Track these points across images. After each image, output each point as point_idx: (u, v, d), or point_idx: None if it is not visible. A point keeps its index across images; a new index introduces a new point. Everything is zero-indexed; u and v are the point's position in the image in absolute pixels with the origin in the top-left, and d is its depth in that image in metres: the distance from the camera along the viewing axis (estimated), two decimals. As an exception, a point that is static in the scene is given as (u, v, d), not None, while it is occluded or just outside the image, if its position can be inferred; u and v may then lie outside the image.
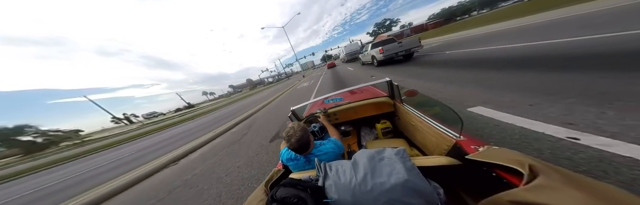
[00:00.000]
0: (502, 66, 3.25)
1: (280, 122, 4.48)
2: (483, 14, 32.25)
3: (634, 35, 3.03)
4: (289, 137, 0.90)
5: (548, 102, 1.75)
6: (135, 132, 23.60)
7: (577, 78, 2.08)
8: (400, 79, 4.44)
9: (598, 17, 5.10)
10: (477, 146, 0.72)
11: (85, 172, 6.77)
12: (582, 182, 0.41)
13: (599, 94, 1.66)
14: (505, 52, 4.15)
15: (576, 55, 2.78)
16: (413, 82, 3.94)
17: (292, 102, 6.82)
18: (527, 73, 2.63)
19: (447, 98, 2.56)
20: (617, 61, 2.27)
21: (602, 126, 1.30)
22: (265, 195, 0.78)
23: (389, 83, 1.45)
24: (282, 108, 6.81)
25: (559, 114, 1.54)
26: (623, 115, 1.34)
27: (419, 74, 4.58)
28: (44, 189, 6.14)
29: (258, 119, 6.40)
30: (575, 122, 1.40)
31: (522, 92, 2.08)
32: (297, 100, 7.60)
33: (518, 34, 5.98)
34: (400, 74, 5.17)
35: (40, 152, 50.12)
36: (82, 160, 11.99)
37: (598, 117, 1.39)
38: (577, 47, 3.19)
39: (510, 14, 14.09)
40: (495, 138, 1.50)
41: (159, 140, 9.44)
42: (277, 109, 7.37)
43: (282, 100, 9.37)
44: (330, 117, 1.82)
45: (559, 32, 4.63)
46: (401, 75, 5.06)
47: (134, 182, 3.51)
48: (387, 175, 0.58)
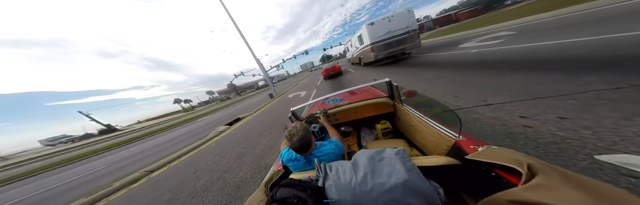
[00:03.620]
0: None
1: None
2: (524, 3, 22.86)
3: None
4: (291, 136, 0.90)
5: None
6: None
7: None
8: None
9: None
10: (477, 146, 0.73)
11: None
12: (580, 181, 0.41)
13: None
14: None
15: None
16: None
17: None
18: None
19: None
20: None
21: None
22: (265, 195, 0.78)
23: (388, 84, 1.45)
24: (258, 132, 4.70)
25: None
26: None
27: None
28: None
29: (206, 156, 4.14)
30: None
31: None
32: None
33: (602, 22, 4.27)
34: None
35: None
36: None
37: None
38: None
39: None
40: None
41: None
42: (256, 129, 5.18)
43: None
44: (330, 117, 1.83)
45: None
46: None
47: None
48: (387, 176, 0.58)
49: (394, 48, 7.87)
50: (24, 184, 11.70)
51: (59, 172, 11.40)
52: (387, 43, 7.82)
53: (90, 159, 13.56)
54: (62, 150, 37.29)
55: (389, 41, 7.76)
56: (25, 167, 23.77)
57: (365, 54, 9.29)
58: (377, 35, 7.78)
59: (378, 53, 8.13)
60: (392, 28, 7.62)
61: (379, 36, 7.77)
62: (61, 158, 20.40)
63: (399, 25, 7.56)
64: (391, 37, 7.69)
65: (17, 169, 22.94)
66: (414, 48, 8.00)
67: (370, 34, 7.87)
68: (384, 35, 7.75)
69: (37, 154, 43.34)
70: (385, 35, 7.73)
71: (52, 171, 13.86)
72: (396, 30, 7.63)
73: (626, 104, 1.53)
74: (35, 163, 25.00)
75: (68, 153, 25.43)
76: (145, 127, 44.14)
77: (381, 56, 8.21)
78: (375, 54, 8.21)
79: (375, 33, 7.79)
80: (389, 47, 7.89)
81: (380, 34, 7.75)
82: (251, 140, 4.26)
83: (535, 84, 2.32)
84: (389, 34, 7.69)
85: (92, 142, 37.51)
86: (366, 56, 9.34)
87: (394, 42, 7.76)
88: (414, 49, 8.06)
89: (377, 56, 8.24)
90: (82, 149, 26.06)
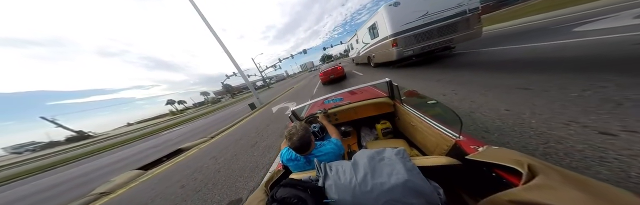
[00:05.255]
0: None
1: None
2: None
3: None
4: (291, 136, 0.91)
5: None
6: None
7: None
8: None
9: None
10: (477, 146, 0.73)
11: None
12: (581, 181, 0.41)
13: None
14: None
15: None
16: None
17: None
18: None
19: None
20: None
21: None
22: (265, 195, 0.78)
23: (388, 83, 1.45)
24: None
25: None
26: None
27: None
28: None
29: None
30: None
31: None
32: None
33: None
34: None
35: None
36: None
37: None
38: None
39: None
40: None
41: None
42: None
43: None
44: (330, 117, 1.83)
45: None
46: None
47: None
48: (387, 176, 0.58)
49: (434, 40, 5.07)
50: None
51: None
52: (424, 32, 5.04)
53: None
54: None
55: (427, 29, 5.00)
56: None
57: (381, 50, 6.47)
58: (406, 21, 5.06)
59: (405, 48, 5.29)
60: (431, 9, 4.90)
61: (409, 22, 5.05)
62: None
63: (445, 3, 4.83)
64: (430, 23, 4.97)
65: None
66: (468, 39, 5.06)
67: (393, 20, 5.13)
68: (416, 21, 5.01)
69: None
70: (420, 21, 5.00)
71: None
72: (439, 12, 4.89)
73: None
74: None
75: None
76: (123, 133, 40.24)
77: (409, 52, 5.33)
78: (401, 50, 5.34)
79: (402, 18, 5.06)
80: (426, 38, 5.10)
81: (410, 19, 5.02)
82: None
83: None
84: (425, 18, 4.97)
85: (38, 157, 31.17)
86: (382, 54, 6.51)
87: (435, 31, 5.00)
88: (468, 40, 5.09)
89: (403, 52, 5.37)
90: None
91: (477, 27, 4.91)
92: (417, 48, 5.25)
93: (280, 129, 4.03)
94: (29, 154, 61.16)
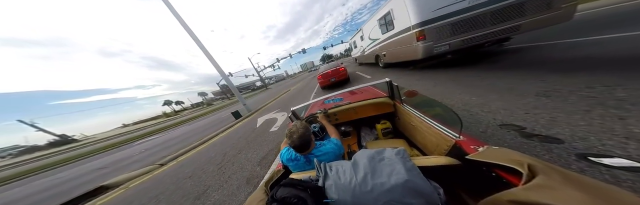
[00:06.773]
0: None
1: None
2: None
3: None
4: (291, 134, 0.92)
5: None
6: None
7: None
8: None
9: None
10: (477, 146, 0.73)
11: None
12: (581, 181, 0.41)
13: None
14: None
15: None
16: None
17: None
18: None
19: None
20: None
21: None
22: (265, 195, 0.78)
23: (388, 83, 1.45)
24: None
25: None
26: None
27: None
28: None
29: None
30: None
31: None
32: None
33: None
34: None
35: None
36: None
37: None
38: None
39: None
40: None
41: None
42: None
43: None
44: (331, 117, 1.83)
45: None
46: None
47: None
48: (387, 176, 0.58)
49: (485, 29, 3.43)
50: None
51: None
52: (469, 18, 3.43)
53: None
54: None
55: (474, 14, 3.38)
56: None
57: (398, 46, 4.85)
58: (439, 5, 3.50)
59: (438, 41, 3.70)
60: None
61: (444, 6, 3.48)
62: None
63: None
64: (481, 4, 3.31)
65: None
66: (549, 24, 3.28)
67: (418, 3, 3.61)
68: (456, 3, 3.43)
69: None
70: (464, 2, 3.40)
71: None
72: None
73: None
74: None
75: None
76: (108, 137, 37.69)
77: (444, 48, 3.73)
78: (430, 45, 3.76)
79: (435, 1, 3.51)
80: (472, 27, 3.48)
81: (446, 2, 3.46)
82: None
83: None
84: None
85: (14, 163, 28.21)
86: (399, 51, 4.90)
87: (487, 15, 3.34)
88: (548, 26, 3.30)
89: (434, 48, 3.77)
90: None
91: (567, 5, 3.11)
92: (457, 41, 3.59)
93: (252, 162, 2.76)
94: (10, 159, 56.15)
